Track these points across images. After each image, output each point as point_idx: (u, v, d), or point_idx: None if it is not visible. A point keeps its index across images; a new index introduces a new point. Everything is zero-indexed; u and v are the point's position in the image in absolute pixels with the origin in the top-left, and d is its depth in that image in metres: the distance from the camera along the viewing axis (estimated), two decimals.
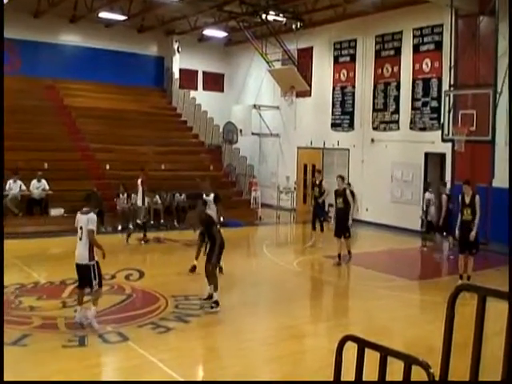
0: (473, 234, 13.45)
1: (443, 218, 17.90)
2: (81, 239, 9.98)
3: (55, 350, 8.68)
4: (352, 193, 24.09)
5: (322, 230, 18.48)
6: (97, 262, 9.98)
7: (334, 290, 14.28)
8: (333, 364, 3.18)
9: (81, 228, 9.97)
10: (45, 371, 7.90)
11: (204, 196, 14.58)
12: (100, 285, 10.04)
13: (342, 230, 15.93)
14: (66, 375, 7.71)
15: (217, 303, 11.16)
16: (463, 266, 13.76)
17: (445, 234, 18.42)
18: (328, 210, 20.47)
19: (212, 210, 14.16)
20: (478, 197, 13.61)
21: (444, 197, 18.12)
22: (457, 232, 13.93)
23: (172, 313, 10.85)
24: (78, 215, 10.19)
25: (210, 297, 11.45)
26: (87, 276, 9.91)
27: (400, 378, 2.77)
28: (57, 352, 8.60)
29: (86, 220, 9.94)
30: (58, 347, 8.75)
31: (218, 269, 11.87)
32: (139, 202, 18.90)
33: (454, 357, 2.72)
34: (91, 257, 9.91)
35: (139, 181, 18.88)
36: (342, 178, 16.70)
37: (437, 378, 2.61)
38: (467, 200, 13.62)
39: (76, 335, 9.33)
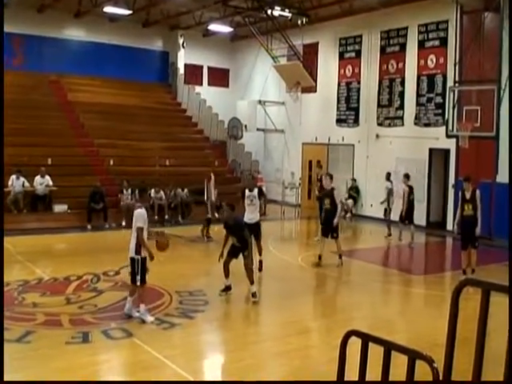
0: (478, 229, 13.48)
1: (405, 209, 18.48)
2: (131, 234, 10.17)
3: (59, 346, 8.67)
4: (356, 189, 24.29)
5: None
6: (143, 258, 10.04)
7: (338, 285, 14.27)
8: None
9: (133, 224, 10.13)
10: (48, 368, 7.90)
11: (247, 192, 14.37)
12: (142, 282, 10.10)
13: (330, 230, 15.29)
14: (70, 372, 7.72)
15: (255, 295, 11.47)
16: (466, 260, 13.77)
17: (407, 222, 18.78)
18: None
19: (256, 205, 14.38)
20: (478, 192, 13.68)
21: (405, 188, 18.55)
22: (455, 227, 13.95)
23: (176, 309, 10.85)
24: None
25: (226, 288, 11.83)
26: (133, 269, 10.08)
27: (404, 372, 2.76)
28: (60, 348, 8.60)
29: (135, 216, 10.15)
30: (62, 344, 8.74)
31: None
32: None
33: (457, 351, 2.71)
34: (137, 251, 10.01)
35: (211, 177, 19.40)
36: (330, 176, 15.94)
37: (441, 373, 2.60)
38: (467, 196, 13.65)
39: (80, 331, 9.33)
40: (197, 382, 7.07)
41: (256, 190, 14.50)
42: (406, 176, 18.86)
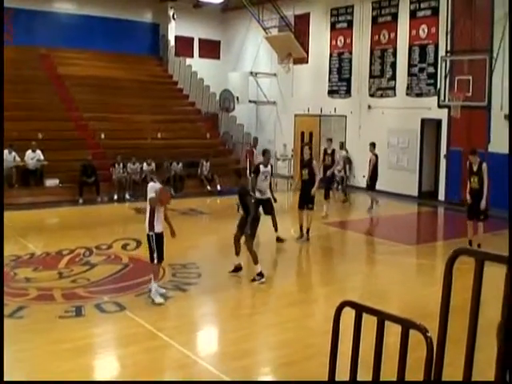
0: (483, 202, 13.44)
1: (370, 177, 18.74)
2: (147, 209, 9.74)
3: (52, 320, 8.68)
4: (349, 159, 24.26)
5: (328, 197, 18.41)
6: (157, 234, 9.70)
7: (331, 256, 14.28)
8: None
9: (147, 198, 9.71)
10: (43, 340, 7.93)
11: (262, 167, 14.20)
12: (159, 259, 9.79)
13: (306, 201, 14.99)
14: (64, 343, 7.75)
15: (261, 274, 11.05)
16: (471, 231, 13.76)
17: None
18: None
19: (268, 181, 14.41)
20: (484, 164, 13.59)
21: (372, 157, 18.76)
22: (468, 198, 13.87)
23: (170, 281, 10.85)
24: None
25: (236, 269, 11.46)
26: (150, 247, 9.74)
27: (397, 341, 2.76)
28: (54, 323, 8.61)
29: (148, 189, 9.70)
30: (55, 318, 8.75)
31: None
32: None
33: (451, 320, 2.70)
34: (151, 227, 9.66)
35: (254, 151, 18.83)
36: (309, 147, 15.70)
37: (434, 342, 2.60)
38: (474, 168, 13.62)
39: (73, 306, 9.34)
40: (198, 382, 7.08)
41: (270, 166, 14.45)
42: (372, 145, 18.96)
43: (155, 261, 9.75)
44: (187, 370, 7.34)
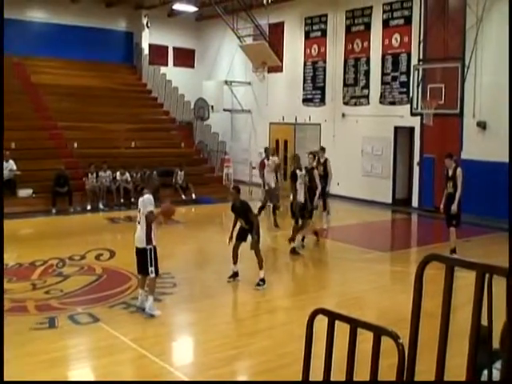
0: (454, 206, 13.41)
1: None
2: (139, 222, 9.61)
3: (25, 332, 8.59)
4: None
5: (325, 208, 18.00)
6: (154, 248, 9.60)
7: (307, 263, 14.29)
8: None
9: (139, 211, 9.65)
10: (15, 354, 7.79)
11: (298, 172, 14.57)
12: (157, 273, 9.67)
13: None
14: (37, 357, 7.68)
15: (263, 281, 11.18)
16: (454, 238, 13.67)
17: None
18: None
19: (304, 185, 14.51)
20: (459, 169, 13.60)
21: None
22: (442, 206, 13.87)
23: (144, 292, 10.76)
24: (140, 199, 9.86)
25: (234, 274, 11.60)
26: (144, 261, 9.55)
27: (370, 348, 2.77)
28: (27, 335, 8.52)
29: (142, 202, 9.63)
30: (28, 330, 8.67)
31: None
32: (272, 184, 18.15)
33: (424, 326, 2.72)
34: (148, 240, 9.51)
35: (273, 161, 18.20)
36: (314, 155, 15.97)
37: (406, 348, 2.61)
38: (450, 173, 13.65)
39: (46, 317, 9.26)
40: (194, 382, 7.05)
41: (304, 170, 14.68)
42: (322, 149, 18.66)
43: (153, 274, 9.57)
44: (162, 380, 7.30)
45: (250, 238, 11.49)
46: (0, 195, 12.63)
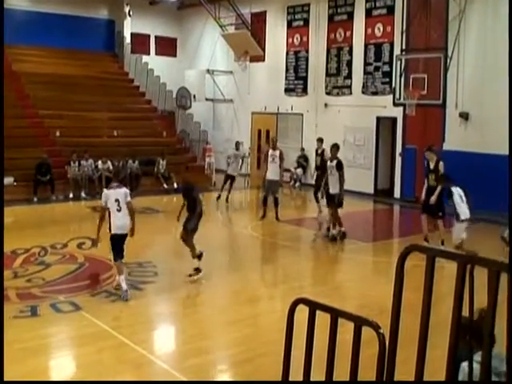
0: (433, 198, 13.37)
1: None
2: (119, 211, 9.95)
3: (7, 320, 8.43)
4: (305, 158, 24.36)
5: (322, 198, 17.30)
6: None
7: (289, 253, 14.29)
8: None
9: (116, 200, 9.95)
10: None
11: (329, 163, 14.74)
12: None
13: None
14: (18, 345, 7.61)
15: (199, 269, 11.00)
16: (425, 227, 13.78)
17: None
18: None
19: (334, 176, 14.47)
20: (441, 163, 13.64)
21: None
22: (422, 196, 13.89)
23: (125, 280, 10.76)
24: (110, 191, 10.16)
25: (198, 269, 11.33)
26: (122, 246, 10.07)
27: (351, 338, 2.78)
28: (9, 323, 8.42)
29: (124, 193, 10.08)
30: (10, 318, 8.59)
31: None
32: (274, 176, 17.18)
33: (405, 317, 2.73)
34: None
35: (277, 152, 17.32)
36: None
37: (387, 338, 2.62)
38: (431, 165, 13.68)
39: (28, 305, 9.23)
40: (191, 382, 7.05)
41: (335, 162, 14.65)
42: (320, 140, 18.48)
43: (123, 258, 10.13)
44: (143, 368, 7.32)
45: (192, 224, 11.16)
46: (0, 196, 12.52)
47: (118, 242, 10.03)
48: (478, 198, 17.26)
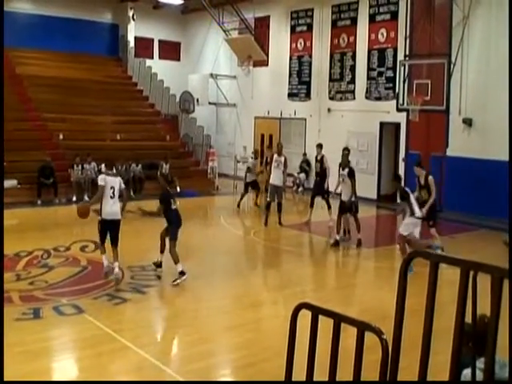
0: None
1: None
2: (112, 198, 10.73)
3: (9, 323, 8.51)
4: (308, 162, 24.36)
5: (329, 207, 17.29)
6: None
7: (291, 258, 14.30)
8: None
9: (112, 188, 10.73)
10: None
11: (341, 170, 14.88)
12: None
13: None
14: (21, 347, 7.63)
15: (183, 273, 11.07)
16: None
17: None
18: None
19: (346, 184, 14.69)
20: (430, 177, 13.51)
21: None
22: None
23: (128, 284, 10.79)
24: (108, 177, 10.96)
25: (158, 265, 11.74)
26: (117, 231, 10.81)
27: (354, 343, 2.78)
28: (11, 325, 8.45)
29: (119, 182, 10.97)
30: (12, 320, 8.61)
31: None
32: (278, 182, 17.18)
33: (408, 323, 2.74)
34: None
35: (282, 158, 17.25)
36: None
37: (390, 344, 2.63)
38: (422, 181, 13.58)
39: (31, 308, 9.24)
40: (191, 382, 7.06)
41: (347, 170, 14.84)
42: (319, 146, 18.32)
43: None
44: (145, 372, 7.32)
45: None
46: (1, 196, 12.57)
47: (107, 228, 10.78)
48: (481, 204, 17.30)
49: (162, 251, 11.68)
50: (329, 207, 17.21)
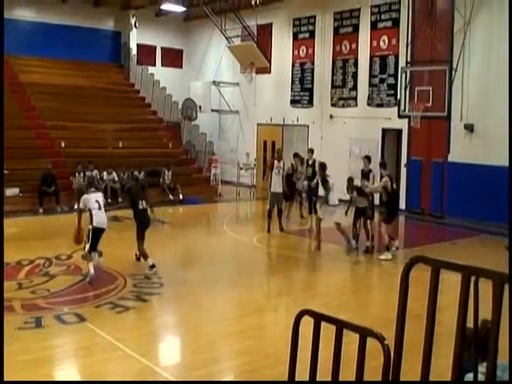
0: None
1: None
2: (100, 209, 11.77)
3: (11, 332, 8.49)
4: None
5: (314, 211, 16.67)
6: None
7: (293, 264, 14.27)
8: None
9: (96, 201, 11.76)
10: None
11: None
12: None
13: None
14: (23, 356, 7.62)
15: (153, 266, 11.92)
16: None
17: None
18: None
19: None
20: (385, 179, 14.07)
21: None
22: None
23: (130, 292, 10.78)
24: (90, 195, 12.05)
25: (152, 266, 12.01)
26: (99, 239, 11.56)
27: (356, 349, 2.78)
28: (13, 334, 8.43)
29: (101, 195, 12.25)
30: (14, 329, 8.60)
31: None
32: (278, 189, 17.22)
33: (410, 328, 2.73)
34: None
35: (282, 164, 17.34)
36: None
37: (392, 350, 2.62)
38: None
39: (32, 317, 9.23)
40: (190, 382, 7.04)
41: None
42: (311, 151, 18.91)
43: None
44: (147, 380, 7.29)
45: None
46: (0, 197, 12.63)
47: (97, 235, 11.46)
48: (482, 209, 17.30)
49: (145, 257, 12.24)
50: (312, 212, 16.81)
